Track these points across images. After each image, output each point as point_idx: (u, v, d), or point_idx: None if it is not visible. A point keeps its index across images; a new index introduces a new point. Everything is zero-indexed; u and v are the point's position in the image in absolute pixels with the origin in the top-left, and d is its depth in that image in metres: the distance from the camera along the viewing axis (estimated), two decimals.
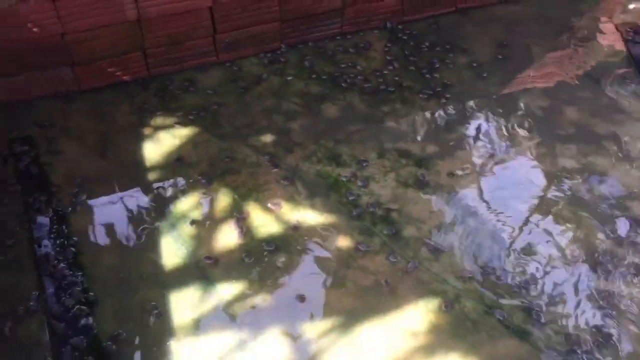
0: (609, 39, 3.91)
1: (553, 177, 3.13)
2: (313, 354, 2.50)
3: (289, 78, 3.65)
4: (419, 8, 3.98)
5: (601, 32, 3.95)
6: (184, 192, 3.06)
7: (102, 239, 2.86)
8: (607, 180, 3.11)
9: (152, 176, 3.13)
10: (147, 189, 3.07)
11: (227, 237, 2.88)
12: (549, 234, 2.89)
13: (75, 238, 2.84)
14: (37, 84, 3.38)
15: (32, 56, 3.27)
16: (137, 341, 2.52)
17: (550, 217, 2.95)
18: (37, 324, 2.53)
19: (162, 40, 3.51)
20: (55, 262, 2.72)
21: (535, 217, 2.95)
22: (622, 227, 2.91)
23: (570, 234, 2.88)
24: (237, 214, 2.96)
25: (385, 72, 3.68)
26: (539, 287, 2.70)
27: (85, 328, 2.53)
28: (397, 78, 3.64)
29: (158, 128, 3.35)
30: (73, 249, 2.79)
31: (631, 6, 4.14)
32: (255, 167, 3.18)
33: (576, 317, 2.61)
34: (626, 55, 3.79)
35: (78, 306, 2.58)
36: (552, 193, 3.06)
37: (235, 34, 3.66)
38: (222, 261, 2.79)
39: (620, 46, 3.86)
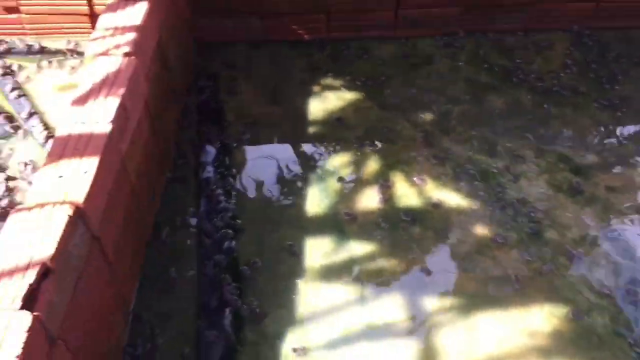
0: None
1: None
2: (428, 327, 2.56)
3: (460, 64, 3.67)
4: (611, 16, 3.80)
5: None
6: (338, 150, 3.21)
7: (258, 176, 3.11)
8: None
9: (312, 130, 3.32)
10: (306, 140, 3.26)
11: (369, 200, 3.00)
12: None
13: (234, 170, 3.11)
14: (231, 31, 3.71)
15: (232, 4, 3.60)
16: (269, 272, 2.73)
17: None
18: (189, 236, 2.82)
19: (347, 6, 3.68)
20: (214, 187, 3.00)
21: None
22: None
23: None
24: (382, 181, 3.07)
25: (561, 74, 3.57)
26: None
27: (229, 250, 2.78)
28: (573, 82, 3.52)
29: (326, 87, 3.54)
30: (231, 179, 3.06)
31: None
32: (409, 140, 3.26)
33: None
34: None
35: (226, 229, 2.84)
36: None
37: (417, 12, 3.73)
38: (360, 220, 2.92)
39: None
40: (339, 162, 3.16)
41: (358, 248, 2.82)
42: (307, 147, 3.23)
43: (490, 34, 3.82)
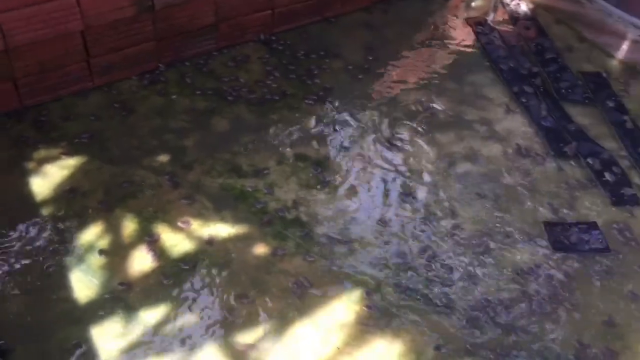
0: (462, 32, 4.31)
1: (441, 161, 3.40)
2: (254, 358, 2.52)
3: (173, 97, 3.61)
4: (287, 19, 4.12)
5: (454, 28, 4.35)
6: (85, 223, 2.92)
7: (3, 285, 2.65)
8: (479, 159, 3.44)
9: (46, 211, 2.95)
10: (43, 225, 2.89)
11: (141, 262, 2.80)
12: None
13: None
14: None
15: None
16: None
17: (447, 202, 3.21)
18: None
19: (33, 68, 3.32)
20: None
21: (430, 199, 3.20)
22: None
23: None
24: (147, 237, 2.89)
25: (267, 82, 3.77)
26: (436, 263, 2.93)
27: None
28: (280, 87, 3.75)
29: (42, 160, 3.17)
30: None
31: (473, 4, 4.59)
32: (156, 188, 3.11)
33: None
34: (478, 45, 4.20)
35: None
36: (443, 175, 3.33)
37: (110, 57, 3.55)
38: (140, 286, 2.71)
39: (472, 38, 4.26)
40: (92, 234, 2.88)
41: (150, 315, 2.62)
42: (48, 233, 2.86)
43: (188, 61, 3.83)
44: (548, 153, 3.49)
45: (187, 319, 2.63)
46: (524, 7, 4.51)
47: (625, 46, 4.11)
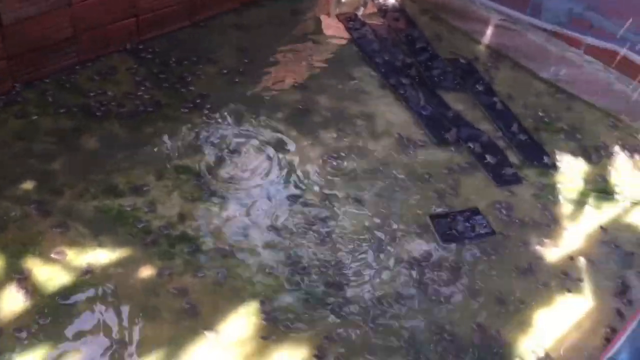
0: (334, 29, 4.30)
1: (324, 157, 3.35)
2: None
3: (34, 117, 3.32)
4: (154, 25, 3.92)
5: (326, 24, 4.33)
6: None
7: None
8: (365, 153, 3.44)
9: None
10: None
11: (12, 303, 2.53)
12: None
13: None
14: None
15: None
16: None
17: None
18: None
19: None
20: None
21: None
22: None
23: None
24: (17, 275, 2.62)
25: (139, 93, 3.55)
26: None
27: None
28: (153, 97, 3.55)
29: None
30: None
31: (343, 0, 4.61)
32: (22, 219, 2.84)
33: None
34: (351, 39, 4.20)
35: None
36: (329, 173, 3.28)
37: None
38: (10, 331, 2.44)
39: (345, 33, 4.26)
40: None
41: None
42: None
43: (48, 77, 3.54)
44: (430, 141, 3.55)
45: (72, 358, 2.40)
46: (391, 0, 4.57)
47: (489, 31, 4.27)
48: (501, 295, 2.85)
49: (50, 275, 2.65)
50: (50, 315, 2.52)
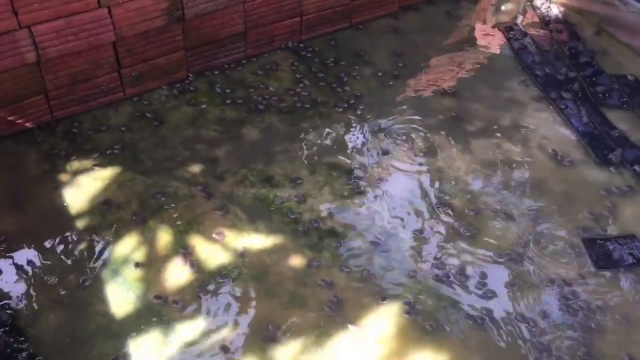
0: (489, 38, 4.24)
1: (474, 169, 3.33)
2: None
3: (203, 106, 3.59)
4: (316, 26, 4.08)
5: (482, 33, 4.28)
6: (120, 235, 2.89)
7: (39, 298, 2.63)
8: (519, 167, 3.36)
9: (80, 224, 2.93)
10: (78, 237, 2.87)
11: (177, 274, 2.77)
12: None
13: (6, 301, 2.59)
14: None
15: None
16: None
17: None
18: None
19: (64, 80, 3.31)
20: None
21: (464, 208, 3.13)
22: None
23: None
24: (182, 250, 2.86)
25: (297, 89, 3.72)
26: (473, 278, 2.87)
27: None
28: (310, 94, 3.70)
29: (76, 172, 3.15)
30: (9, 311, 2.54)
31: (503, 7, 4.52)
32: (189, 199, 3.08)
33: None
34: (510, 50, 4.12)
35: None
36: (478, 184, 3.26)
37: (141, 67, 3.54)
38: (177, 300, 2.67)
39: (501, 43, 4.19)
40: (126, 247, 2.85)
41: (187, 330, 2.59)
42: (84, 245, 2.84)
43: (217, 69, 3.80)
44: (591, 160, 3.41)
45: (225, 333, 2.58)
46: (554, 10, 4.43)
47: None
48: None
49: (210, 253, 2.86)
50: (208, 292, 2.72)
